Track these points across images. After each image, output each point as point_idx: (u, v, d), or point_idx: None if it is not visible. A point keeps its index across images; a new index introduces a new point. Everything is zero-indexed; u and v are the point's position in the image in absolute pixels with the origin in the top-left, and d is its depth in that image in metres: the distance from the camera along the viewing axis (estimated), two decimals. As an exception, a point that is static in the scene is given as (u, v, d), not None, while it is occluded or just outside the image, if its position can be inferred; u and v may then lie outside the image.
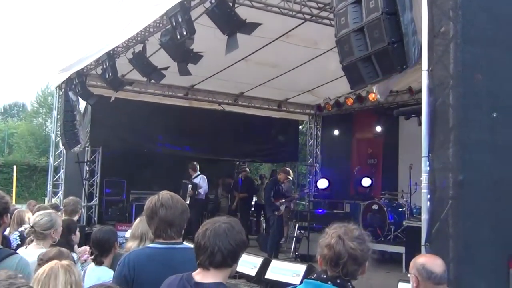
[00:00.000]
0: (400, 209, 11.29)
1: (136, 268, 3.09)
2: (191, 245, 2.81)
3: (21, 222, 5.59)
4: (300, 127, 18.34)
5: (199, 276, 2.60)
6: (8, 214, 3.48)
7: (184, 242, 3.33)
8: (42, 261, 3.29)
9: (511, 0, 4.56)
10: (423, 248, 4.14)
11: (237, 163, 16.69)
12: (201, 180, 12.41)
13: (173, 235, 3.20)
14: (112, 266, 4.15)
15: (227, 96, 14.68)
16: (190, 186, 12.10)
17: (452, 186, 4.03)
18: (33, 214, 4.96)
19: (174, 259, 3.12)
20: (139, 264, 3.11)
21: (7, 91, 75.51)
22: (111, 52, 10.15)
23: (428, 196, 4.17)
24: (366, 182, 13.40)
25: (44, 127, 47.03)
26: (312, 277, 2.66)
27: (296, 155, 17.52)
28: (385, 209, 11.18)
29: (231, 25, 7.35)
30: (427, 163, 4.16)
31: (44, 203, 11.89)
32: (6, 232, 4.98)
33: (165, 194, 3.27)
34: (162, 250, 3.17)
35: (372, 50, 4.43)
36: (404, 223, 10.54)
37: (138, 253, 3.26)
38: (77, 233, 5.05)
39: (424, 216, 4.19)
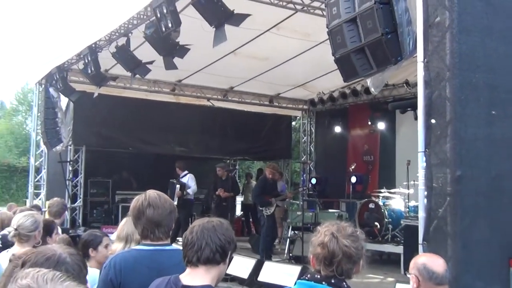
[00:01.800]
0: (398, 208, 11.31)
1: (123, 271, 3.08)
2: (180, 247, 2.82)
3: (3, 226, 5.56)
4: (293, 123, 18.36)
5: (187, 278, 2.60)
6: None
7: (172, 245, 3.34)
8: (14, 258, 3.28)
9: (508, -12, 4.59)
10: (420, 247, 4.16)
11: (228, 161, 16.69)
12: (189, 180, 12.37)
13: (161, 236, 3.19)
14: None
15: (216, 91, 14.67)
16: (178, 186, 12.07)
17: (450, 182, 4.05)
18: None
19: (162, 261, 3.12)
20: (126, 267, 3.10)
21: (-16, 88, 74.91)
22: (93, 45, 10.10)
23: (425, 193, 4.19)
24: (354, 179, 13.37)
25: (24, 126, 46.72)
26: (306, 278, 2.67)
27: (289, 152, 17.52)
28: (382, 207, 11.19)
29: (219, 16, 7.33)
30: (424, 158, 4.18)
31: (25, 205, 11.84)
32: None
33: (152, 193, 3.26)
34: (149, 252, 3.17)
35: (365, 42, 4.45)
36: (402, 222, 10.57)
37: (125, 255, 3.25)
38: (54, 236, 5.02)
39: (421, 213, 4.22)
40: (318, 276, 2.61)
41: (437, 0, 4.14)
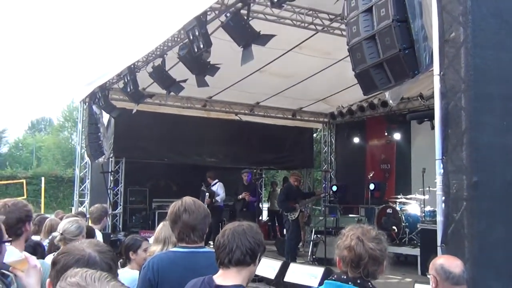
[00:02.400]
0: (414, 212, 11.15)
1: (160, 271, 3.08)
2: (213, 250, 2.80)
3: (51, 231, 5.59)
4: (315, 135, 18.27)
5: (219, 278, 2.59)
6: (31, 222, 3.48)
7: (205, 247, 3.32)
8: None
9: (520, 4, 4.47)
10: (439, 249, 4.05)
11: (254, 170, 16.65)
12: (218, 188, 12.37)
13: (196, 239, 3.19)
14: None
15: (243, 107, 14.69)
16: (207, 194, 12.04)
17: (466, 188, 3.94)
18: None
19: (196, 262, 3.10)
20: (162, 268, 3.10)
21: (34, 107, 76.68)
22: (132, 66, 10.21)
23: (443, 198, 4.08)
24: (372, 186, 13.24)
25: (70, 140, 47.55)
26: (333, 278, 2.62)
27: (311, 162, 17.43)
28: (399, 212, 11.05)
29: (246, 37, 7.34)
30: (441, 165, 4.08)
31: (71, 212, 11.95)
32: (38, 239, 5.00)
33: (188, 199, 3.27)
34: (184, 254, 3.16)
35: (384, 57, 4.37)
36: (418, 226, 10.41)
37: (162, 257, 3.25)
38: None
39: (439, 217, 4.10)
40: (345, 277, 2.56)
41: (451, 17, 4.05)
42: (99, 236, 6.06)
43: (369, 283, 2.53)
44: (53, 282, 1.74)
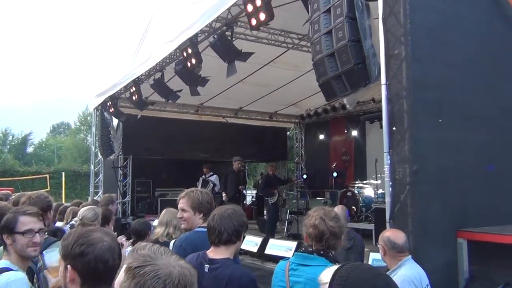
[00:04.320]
0: (369, 195, 11.26)
1: (199, 247, 2.93)
2: None
3: (71, 217, 5.52)
4: (288, 133, 18.32)
5: (212, 253, 2.63)
6: (52, 211, 3.47)
7: None
8: None
9: (450, 27, 4.57)
10: (387, 224, 4.14)
11: (240, 163, 16.58)
12: (216, 179, 12.30)
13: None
14: None
15: (229, 111, 14.65)
16: (212, 185, 11.91)
17: (409, 175, 4.03)
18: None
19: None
20: (200, 244, 2.96)
21: (54, 113, 75.36)
22: (137, 79, 10.16)
23: (390, 183, 4.17)
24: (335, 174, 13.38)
25: (85, 141, 46.88)
26: (301, 250, 2.67)
27: (286, 155, 17.47)
28: (357, 195, 11.16)
29: (230, 54, 7.38)
30: (388, 157, 4.17)
31: (87, 201, 11.83)
32: (61, 225, 4.97)
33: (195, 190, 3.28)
34: (204, 232, 3.10)
35: (342, 70, 4.44)
36: (372, 205, 10.50)
37: (195, 236, 3.09)
38: (110, 224, 4.97)
39: (388, 198, 4.20)
40: (311, 249, 2.60)
41: (395, 38, 4.14)
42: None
43: (330, 253, 2.58)
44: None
